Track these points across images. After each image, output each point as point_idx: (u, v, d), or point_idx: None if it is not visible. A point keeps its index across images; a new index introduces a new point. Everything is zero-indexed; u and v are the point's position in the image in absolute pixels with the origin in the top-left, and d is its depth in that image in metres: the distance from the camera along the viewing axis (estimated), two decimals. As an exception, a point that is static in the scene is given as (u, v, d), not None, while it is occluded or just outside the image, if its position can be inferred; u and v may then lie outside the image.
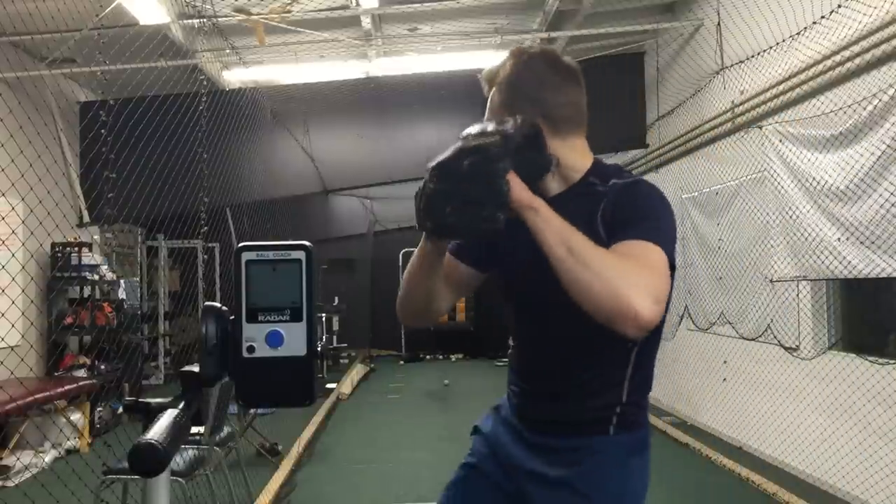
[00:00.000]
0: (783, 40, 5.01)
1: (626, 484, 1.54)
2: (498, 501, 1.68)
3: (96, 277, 7.40)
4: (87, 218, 7.31)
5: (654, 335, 1.45)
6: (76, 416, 6.08)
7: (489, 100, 1.62)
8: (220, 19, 6.42)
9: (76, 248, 7.22)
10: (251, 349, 1.02)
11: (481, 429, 1.82)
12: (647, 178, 7.18)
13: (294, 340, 1.02)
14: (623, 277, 1.25)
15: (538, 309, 1.58)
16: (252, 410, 5.33)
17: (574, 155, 1.55)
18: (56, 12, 4.80)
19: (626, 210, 1.43)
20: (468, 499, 1.75)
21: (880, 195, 3.90)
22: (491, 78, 1.63)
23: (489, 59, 7.62)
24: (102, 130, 5.85)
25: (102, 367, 7.08)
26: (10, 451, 5.51)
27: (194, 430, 1.06)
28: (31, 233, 4.95)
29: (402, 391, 9.32)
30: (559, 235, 1.30)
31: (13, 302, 4.01)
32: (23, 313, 5.05)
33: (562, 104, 1.54)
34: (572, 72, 1.58)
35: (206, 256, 9.91)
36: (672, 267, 1.38)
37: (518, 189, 1.32)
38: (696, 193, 6.43)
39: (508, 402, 1.76)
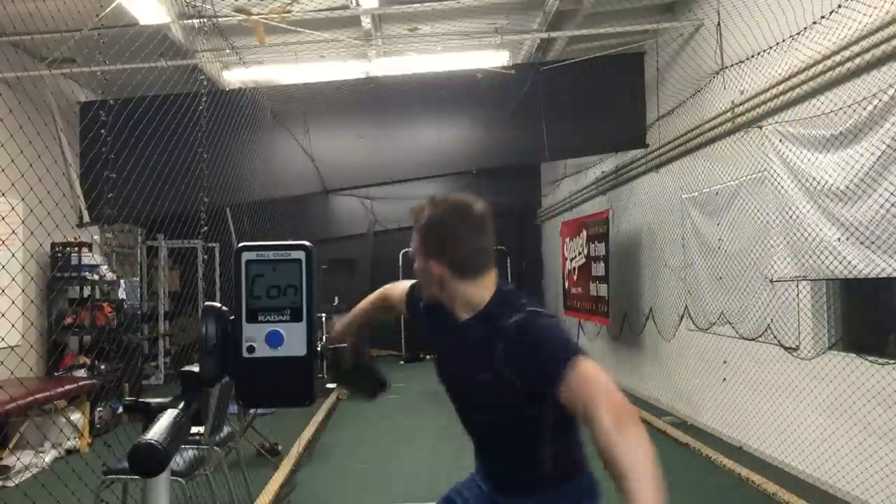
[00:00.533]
0: (783, 40, 5.01)
1: None
2: None
3: (96, 277, 7.41)
4: (87, 218, 7.31)
5: (561, 410, 1.57)
6: (76, 416, 6.08)
7: (412, 236, 1.87)
8: (220, 19, 6.42)
9: (76, 248, 7.22)
10: (251, 349, 1.02)
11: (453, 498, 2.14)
12: (647, 178, 7.15)
13: (294, 340, 1.02)
14: (651, 474, 1.34)
15: (458, 399, 1.94)
16: (252, 410, 5.33)
17: (479, 291, 1.78)
18: (56, 12, 4.80)
19: (532, 356, 1.61)
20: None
21: (880, 195, 3.90)
22: (413, 216, 1.86)
23: (489, 58, 7.66)
24: (102, 130, 5.85)
25: (102, 367, 7.08)
26: (10, 451, 5.52)
27: (194, 430, 1.06)
28: (32, 233, 4.95)
29: (401, 391, 9.31)
30: None
31: (13, 302, 4.01)
32: (23, 313, 5.05)
33: (467, 255, 1.77)
34: (480, 222, 1.78)
35: (206, 256, 9.91)
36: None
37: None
38: (697, 193, 6.43)
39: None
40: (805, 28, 4.73)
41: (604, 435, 1.38)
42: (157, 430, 0.92)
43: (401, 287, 2.22)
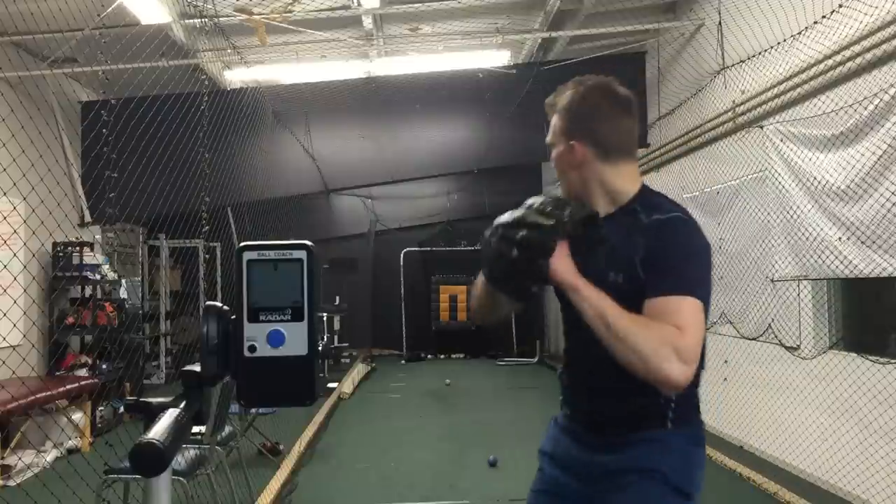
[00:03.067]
0: (784, 40, 5.01)
1: (688, 463, 1.67)
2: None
3: (98, 277, 7.41)
4: (88, 217, 7.32)
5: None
6: (77, 416, 6.09)
7: (551, 124, 1.74)
8: (221, 19, 6.42)
9: (78, 248, 7.23)
10: (252, 349, 1.02)
11: (545, 450, 1.89)
12: (648, 177, 7.15)
13: (295, 340, 1.02)
14: (654, 350, 1.43)
15: (587, 331, 1.63)
16: (253, 410, 5.33)
17: (622, 180, 1.69)
18: (57, 12, 4.80)
19: (660, 256, 1.56)
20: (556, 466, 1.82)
21: (881, 195, 3.90)
22: (552, 105, 1.74)
23: (491, 58, 7.66)
24: (104, 130, 5.86)
25: (104, 366, 7.08)
26: (11, 451, 5.52)
27: (196, 429, 1.06)
28: (33, 232, 4.96)
29: (403, 391, 9.32)
30: (597, 312, 1.48)
31: (15, 301, 4.01)
32: (24, 313, 5.05)
33: (613, 133, 1.67)
34: (626, 102, 1.69)
35: (207, 256, 9.91)
36: (709, 299, 1.55)
37: (562, 269, 1.52)
38: (697, 193, 6.43)
39: (563, 414, 1.86)
40: (806, 28, 4.73)
41: (674, 337, 1.43)
42: (159, 430, 0.92)
43: None
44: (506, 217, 1.56)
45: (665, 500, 1.62)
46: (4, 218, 4.26)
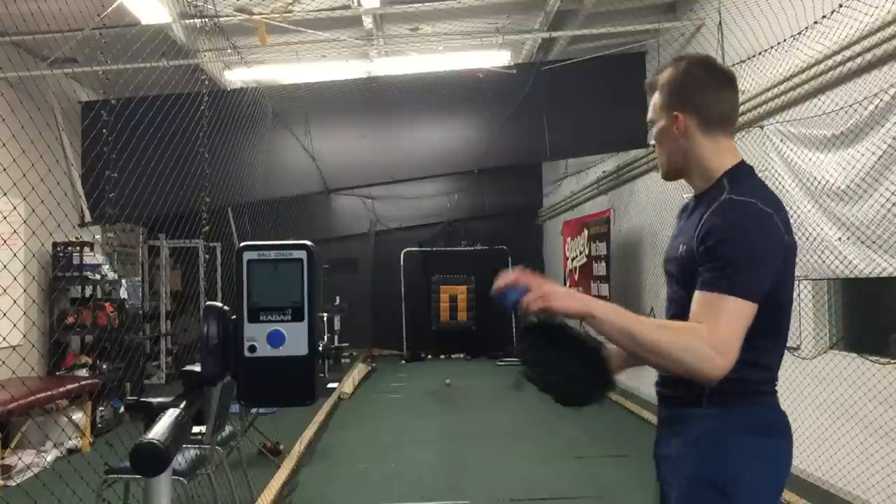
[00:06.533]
0: (784, 40, 5.01)
1: (723, 454, 1.59)
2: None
3: (98, 277, 7.42)
4: (88, 217, 7.31)
5: (762, 321, 1.56)
6: (78, 416, 6.09)
7: (651, 102, 1.79)
8: (221, 19, 6.42)
9: (78, 248, 7.23)
10: (253, 349, 1.02)
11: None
12: (648, 177, 7.13)
13: (295, 340, 1.02)
14: (683, 349, 1.46)
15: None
16: (253, 410, 5.34)
17: (719, 156, 1.69)
18: (58, 12, 4.80)
19: (710, 243, 1.55)
20: None
21: (881, 195, 3.90)
22: (652, 84, 1.79)
23: (491, 58, 7.65)
24: (104, 130, 5.86)
25: (104, 366, 7.09)
26: (12, 451, 5.52)
27: (196, 429, 1.06)
28: (33, 232, 4.97)
29: (403, 391, 9.32)
30: (619, 330, 1.48)
31: (15, 301, 4.01)
32: (24, 313, 5.05)
33: (715, 103, 1.70)
34: (727, 75, 1.75)
35: (207, 256, 9.91)
36: (759, 293, 1.52)
37: (569, 304, 1.52)
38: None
39: None
40: (806, 28, 4.73)
41: (703, 333, 1.46)
42: (159, 430, 0.92)
43: None
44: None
45: (695, 499, 1.60)
46: (4, 218, 4.26)
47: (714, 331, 1.45)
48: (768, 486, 1.62)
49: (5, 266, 3.71)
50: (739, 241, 1.54)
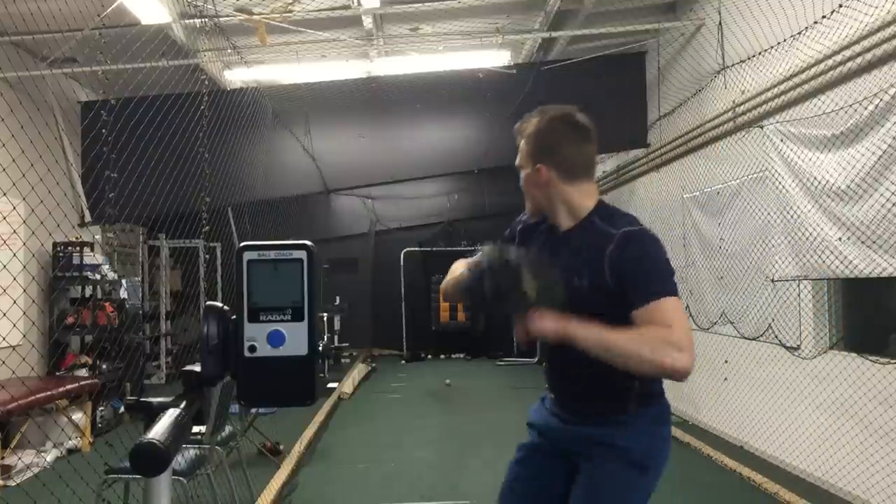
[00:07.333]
0: (784, 40, 5.01)
1: (650, 440, 1.93)
2: (555, 465, 2.04)
3: (98, 277, 7.41)
4: (88, 217, 7.32)
5: None
6: (78, 416, 6.09)
7: (519, 149, 1.99)
8: (221, 19, 6.42)
9: (78, 248, 7.23)
10: (253, 349, 1.02)
11: (534, 422, 2.15)
12: (648, 177, 7.13)
13: (295, 340, 1.02)
14: (653, 350, 1.66)
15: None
16: (253, 410, 5.34)
17: (582, 198, 1.91)
18: (57, 12, 4.80)
19: (637, 270, 1.76)
20: (531, 468, 2.11)
21: (881, 195, 3.90)
22: (520, 131, 2.00)
23: (491, 58, 7.65)
24: (104, 130, 5.86)
25: (104, 366, 7.09)
26: (11, 451, 5.52)
27: (196, 429, 1.06)
28: (33, 232, 4.97)
29: (403, 391, 9.32)
30: (596, 343, 1.70)
31: (14, 302, 4.01)
32: (24, 313, 5.05)
33: (574, 157, 1.91)
34: (586, 130, 1.94)
35: (207, 256, 9.92)
36: (677, 292, 1.77)
37: (553, 328, 1.74)
38: (698, 193, 6.43)
39: (549, 397, 2.12)
40: (806, 28, 4.73)
41: (664, 335, 1.65)
42: (159, 430, 0.92)
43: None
44: (488, 274, 1.79)
45: (623, 472, 1.89)
46: (4, 218, 4.26)
47: (671, 332, 1.67)
48: (664, 459, 1.96)
49: (5, 266, 3.71)
50: (652, 259, 1.78)
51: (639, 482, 1.90)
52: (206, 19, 6.26)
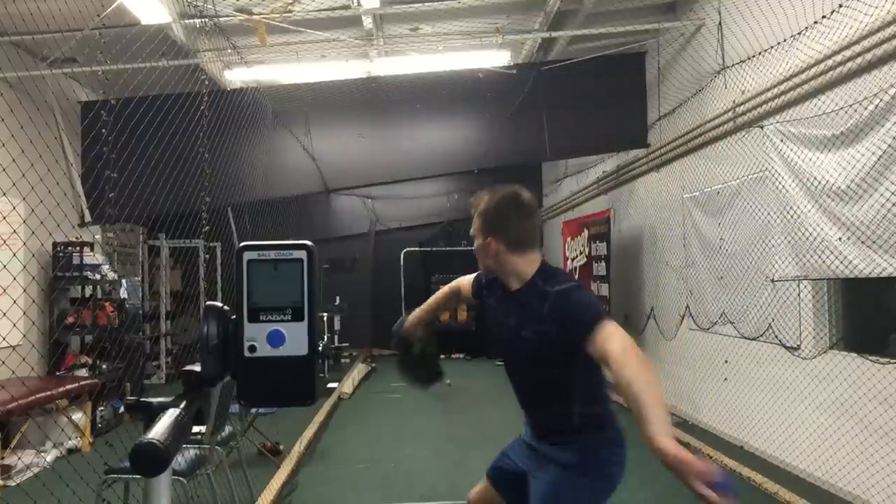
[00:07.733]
0: (784, 40, 5.01)
1: (597, 459, 2.20)
2: (518, 476, 2.38)
3: (98, 277, 7.41)
4: (88, 217, 7.31)
5: (586, 371, 2.13)
6: (78, 416, 6.09)
7: (473, 220, 2.29)
8: (221, 19, 6.42)
9: (78, 248, 7.23)
10: (252, 349, 1.02)
11: (506, 452, 2.56)
12: (648, 177, 7.16)
13: (295, 340, 1.02)
14: (647, 379, 1.78)
15: (506, 356, 2.37)
16: (253, 410, 5.34)
17: (527, 265, 2.20)
18: (57, 12, 4.80)
19: (574, 316, 2.01)
20: (513, 453, 2.48)
21: (881, 195, 3.90)
22: (474, 206, 2.29)
23: (491, 58, 7.65)
24: (104, 130, 5.85)
25: (104, 366, 7.09)
26: (11, 451, 5.52)
27: (196, 429, 1.06)
28: (33, 232, 4.96)
29: (403, 390, 9.31)
30: (667, 422, 1.73)
31: (14, 301, 4.01)
32: (24, 313, 5.06)
33: (519, 233, 2.19)
34: (530, 208, 2.24)
35: (207, 256, 9.92)
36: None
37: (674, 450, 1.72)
38: (698, 193, 6.43)
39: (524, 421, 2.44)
40: (806, 28, 4.73)
41: (615, 362, 1.81)
42: (159, 430, 0.92)
43: (468, 278, 2.63)
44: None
45: (571, 479, 2.16)
46: (4, 218, 4.26)
47: (626, 356, 1.83)
48: (612, 476, 2.20)
49: (5, 266, 3.72)
50: (583, 302, 2.05)
51: (579, 482, 2.17)
52: (206, 19, 6.26)
